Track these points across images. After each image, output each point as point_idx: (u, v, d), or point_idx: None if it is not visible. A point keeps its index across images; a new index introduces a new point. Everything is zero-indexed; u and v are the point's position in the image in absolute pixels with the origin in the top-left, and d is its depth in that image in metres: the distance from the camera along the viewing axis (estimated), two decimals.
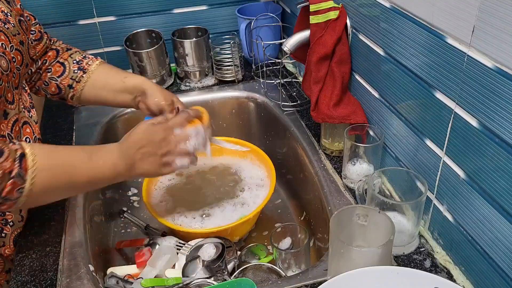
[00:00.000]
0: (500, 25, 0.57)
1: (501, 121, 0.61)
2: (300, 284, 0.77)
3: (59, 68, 0.99)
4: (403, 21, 0.78)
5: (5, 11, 0.86)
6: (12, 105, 0.84)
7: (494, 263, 0.67)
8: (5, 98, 0.81)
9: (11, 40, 0.83)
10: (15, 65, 0.84)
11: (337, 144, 1.04)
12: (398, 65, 0.82)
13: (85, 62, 1.00)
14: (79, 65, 0.99)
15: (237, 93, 1.33)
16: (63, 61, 1.00)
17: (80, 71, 0.99)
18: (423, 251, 0.81)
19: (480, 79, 0.63)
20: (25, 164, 0.69)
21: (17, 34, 0.86)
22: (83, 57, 1.01)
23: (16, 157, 0.69)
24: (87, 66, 1.00)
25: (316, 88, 0.99)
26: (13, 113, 0.84)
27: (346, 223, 0.74)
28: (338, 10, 0.96)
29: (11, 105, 0.83)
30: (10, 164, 0.68)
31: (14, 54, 0.83)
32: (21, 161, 0.69)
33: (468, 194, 0.70)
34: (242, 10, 1.38)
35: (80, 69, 0.99)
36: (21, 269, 0.83)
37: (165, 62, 1.33)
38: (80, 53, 1.03)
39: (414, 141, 0.82)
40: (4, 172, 0.67)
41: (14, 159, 0.68)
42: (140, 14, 1.39)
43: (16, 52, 0.84)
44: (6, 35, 0.82)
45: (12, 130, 0.84)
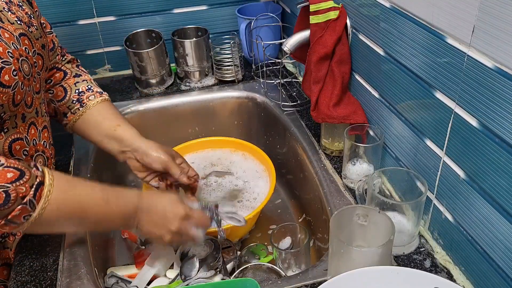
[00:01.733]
0: (500, 25, 0.57)
1: (501, 121, 0.61)
2: (300, 284, 0.77)
3: (60, 92, 0.97)
4: (403, 21, 0.78)
5: (29, 12, 0.84)
6: (30, 108, 0.83)
7: (494, 263, 0.67)
8: (24, 102, 0.80)
9: (34, 44, 0.82)
10: (36, 69, 0.83)
11: (337, 144, 1.04)
12: (398, 65, 0.82)
13: (86, 95, 0.97)
14: (79, 96, 0.97)
15: (237, 93, 1.33)
16: (66, 86, 0.97)
17: (77, 103, 0.96)
18: (423, 251, 0.81)
19: (480, 79, 0.63)
20: (40, 193, 0.68)
21: (40, 37, 0.85)
22: (87, 89, 0.98)
23: (34, 184, 0.67)
24: (87, 101, 0.97)
25: (316, 88, 0.99)
26: (29, 116, 0.83)
27: (346, 223, 0.74)
28: (338, 10, 0.96)
29: (29, 108, 0.82)
30: (26, 189, 0.66)
31: (36, 59, 0.82)
32: (37, 189, 0.67)
33: (468, 194, 0.70)
34: (242, 10, 1.38)
35: (78, 101, 0.97)
36: (21, 269, 0.83)
37: (165, 62, 1.33)
38: (87, 82, 0.99)
39: (414, 141, 0.82)
40: (18, 195, 0.66)
41: (31, 185, 0.67)
42: (140, 14, 1.39)
43: (38, 57, 0.83)
44: (29, 39, 0.81)
45: (28, 133, 0.83)
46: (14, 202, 0.65)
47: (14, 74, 0.74)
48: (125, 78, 1.43)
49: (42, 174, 0.69)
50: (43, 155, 0.88)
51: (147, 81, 1.32)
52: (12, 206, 0.65)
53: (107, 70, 1.46)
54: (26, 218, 0.67)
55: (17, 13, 0.81)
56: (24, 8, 0.84)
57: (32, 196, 0.67)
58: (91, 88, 0.99)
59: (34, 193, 0.67)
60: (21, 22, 0.81)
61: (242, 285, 0.71)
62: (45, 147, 0.89)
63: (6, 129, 0.78)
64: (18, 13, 0.82)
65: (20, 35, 0.79)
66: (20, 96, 0.77)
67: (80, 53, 1.40)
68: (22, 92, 0.77)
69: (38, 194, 0.67)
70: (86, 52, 1.41)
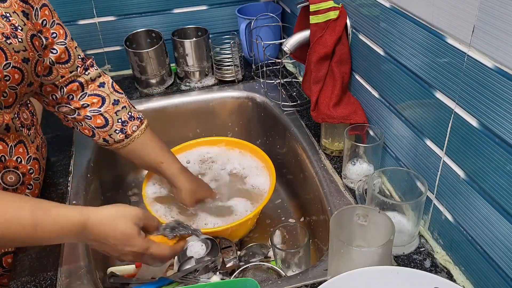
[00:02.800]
0: (500, 25, 0.57)
1: (501, 121, 0.61)
2: (300, 284, 0.77)
3: (100, 120, 0.95)
4: (403, 21, 0.78)
5: (16, 24, 0.79)
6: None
7: (494, 263, 0.67)
8: None
9: (9, 57, 0.76)
10: (9, 83, 0.78)
11: (337, 144, 1.04)
12: (398, 65, 0.82)
13: (129, 124, 0.97)
14: (123, 126, 0.97)
15: (237, 93, 1.33)
16: (107, 116, 0.95)
17: (122, 133, 0.97)
18: (423, 251, 0.81)
19: (480, 79, 0.63)
20: None
21: (23, 50, 0.79)
22: (128, 117, 0.98)
23: None
24: (131, 132, 0.97)
25: (316, 88, 0.99)
26: None
27: (346, 223, 0.74)
28: (338, 10, 0.96)
29: None
30: None
31: (9, 72, 0.77)
32: None
33: (468, 194, 0.70)
34: (242, 10, 1.38)
35: (122, 132, 0.97)
36: (21, 269, 0.83)
37: (165, 62, 1.33)
38: (127, 109, 0.98)
39: (414, 141, 0.82)
40: None
41: None
42: (140, 14, 1.39)
43: (13, 70, 0.78)
44: (3, 50, 0.76)
45: None
46: None
47: None
48: (125, 78, 1.43)
49: None
50: (15, 172, 0.85)
51: (147, 81, 1.33)
52: None
53: (107, 70, 1.46)
54: None
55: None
56: (12, 19, 0.79)
57: None
58: (132, 115, 0.99)
59: None
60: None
61: (242, 285, 0.71)
62: (19, 163, 0.86)
63: None
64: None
65: None
66: None
67: None
68: None
69: None
70: (86, 52, 1.40)
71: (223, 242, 0.97)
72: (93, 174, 1.09)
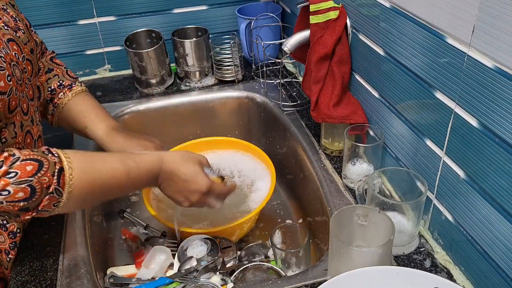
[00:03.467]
0: (500, 25, 0.57)
1: (501, 121, 0.61)
2: (300, 284, 0.77)
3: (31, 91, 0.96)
4: (403, 21, 0.78)
5: (14, 16, 0.83)
6: (26, 116, 0.82)
7: (494, 263, 0.67)
8: (21, 108, 0.79)
9: (22, 50, 0.81)
10: (27, 75, 0.82)
11: (337, 144, 1.04)
12: (398, 65, 0.82)
13: (57, 94, 0.97)
14: (52, 95, 0.98)
15: (237, 93, 1.33)
16: (39, 85, 0.96)
17: (50, 103, 0.98)
18: (423, 251, 0.81)
19: (480, 79, 0.63)
20: (63, 179, 0.68)
21: (28, 42, 0.84)
22: (58, 85, 0.98)
23: (55, 172, 0.68)
24: (58, 101, 0.98)
25: (316, 88, 0.99)
26: (26, 124, 0.82)
27: (346, 223, 0.74)
28: (338, 10, 0.96)
29: (26, 116, 0.82)
30: (49, 178, 0.67)
31: (26, 65, 0.81)
32: (59, 177, 0.68)
33: (468, 194, 0.70)
34: (242, 10, 1.38)
35: (51, 101, 0.98)
36: (21, 269, 0.83)
37: (165, 62, 1.33)
38: (58, 77, 0.99)
39: (414, 141, 0.82)
40: (43, 186, 0.66)
41: (53, 173, 0.67)
42: (140, 14, 1.39)
43: (27, 62, 0.82)
44: (17, 44, 0.80)
45: (25, 142, 0.82)
46: (41, 193, 0.66)
47: (8, 80, 0.73)
48: (125, 78, 1.43)
49: (59, 159, 0.69)
50: None
51: (147, 81, 1.33)
52: (39, 197, 0.66)
53: (107, 70, 1.46)
54: (55, 205, 0.69)
55: (3, 17, 0.80)
56: (9, 11, 0.82)
57: (57, 184, 0.68)
58: (62, 83, 0.99)
59: (58, 180, 0.68)
60: (8, 27, 0.79)
61: None
62: None
63: (4, 139, 0.76)
64: (4, 18, 0.80)
65: (8, 40, 0.77)
66: (15, 102, 0.76)
67: (80, 53, 1.40)
68: (17, 98, 0.77)
69: (62, 181, 0.68)
70: (86, 52, 1.41)
71: (223, 242, 0.97)
72: None
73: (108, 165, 0.76)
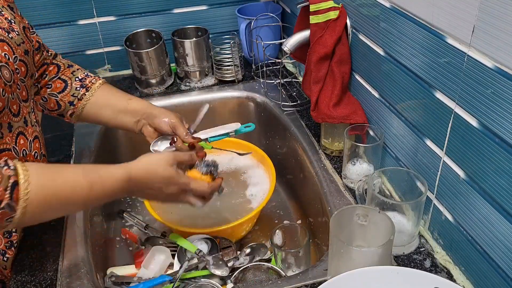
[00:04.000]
0: (500, 25, 0.57)
1: (501, 121, 0.61)
2: (300, 284, 0.77)
3: (60, 84, 0.97)
4: (403, 21, 0.78)
5: (9, 18, 0.83)
6: (17, 117, 0.81)
7: (494, 263, 0.67)
8: (9, 110, 0.79)
9: (15, 51, 0.80)
10: (19, 76, 0.81)
11: (337, 144, 1.04)
12: (398, 65, 0.82)
13: (88, 80, 0.98)
14: (82, 82, 0.98)
15: (237, 93, 1.33)
16: (65, 78, 0.98)
17: (82, 88, 0.97)
18: (423, 251, 0.81)
19: (480, 79, 0.63)
20: (16, 194, 0.64)
21: (22, 43, 0.83)
22: (85, 75, 1.00)
23: (8, 186, 0.64)
24: (90, 84, 0.98)
25: (316, 88, 0.99)
26: (16, 126, 0.82)
27: (346, 223, 0.74)
28: (338, 10, 0.96)
29: (16, 117, 0.81)
30: (0, 193, 0.63)
31: (18, 66, 0.81)
32: (12, 191, 0.64)
33: (468, 194, 0.70)
34: (242, 10, 1.38)
35: (82, 87, 0.97)
36: (21, 269, 0.83)
37: (165, 62, 1.33)
38: (82, 71, 1.01)
39: (414, 141, 0.82)
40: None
41: (5, 188, 0.63)
42: (140, 14, 1.39)
43: (20, 63, 0.82)
44: (9, 45, 0.79)
45: (16, 143, 0.81)
46: None
47: None
48: (125, 78, 1.43)
49: (15, 172, 0.65)
50: None
51: (147, 81, 1.33)
52: None
53: (107, 70, 1.46)
54: (8, 220, 0.65)
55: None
56: (4, 13, 0.82)
57: (9, 199, 0.63)
58: (88, 74, 1.01)
59: (10, 195, 0.64)
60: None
61: None
62: (36, 158, 0.87)
63: None
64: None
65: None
66: (2, 104, 0.75)
67: (80, 53, 1.40)
68: (4, 99, 0.76)
69: (15, 196, 0.64)
70: (86, 52, 1.41)
71: (223, 242, 0.97)
72: None
73: (69, 178, 0.72)
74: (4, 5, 0.85)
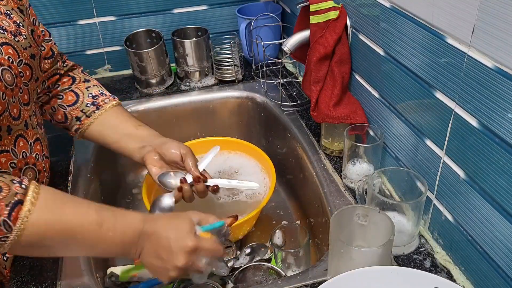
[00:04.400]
0: (500, 25, 0.57)
1: (501, 121, 0.61)
2: (300, 284, 0.77)
3: (71, 97, 0.96)
4: (403, 21, 0.78)
5: (18, 21, 0.82)
6: (17, 120, 0.80)
7: (494, 263, 0.67)
8: (9, 113, 0.77)
9: (20, 54, 0.79)
10: (22, 80, 0.80)
11: (337, 144, 1.04)
12: (398, 65, 0.82)
13: (101, 98, 0.97)
14: (94, 99, 0.96)
15: (237, 93, 1.33)
16: (77, 91, 0.96)
17: (93, 106, 0.96)
18: (423, 251, 0.81)
19: (480, 79, 0.63)
20: (16, 213, 0.62)
21: (29, 47, 0.82)
22: (100, 93, 0.98)
23: (11, 202, 0.62)
24: (102, 104, 0.96)
25: (316, 88, 0.99)
26: (16, 129, 0.81)
27: (346, 223, 0.74)
28: (338, 10, 0.96)
29: (16, 120, 0.80)
30: (0, 207, 0.61)
31: (23, 69, 0.80)
32: (13, 209, 0.62)
33: (468, 194, 0.70)
34: (242, 10, 1.39)
35: (94, 104, 0.96)
36: (21, 269, 0.83)
37: (165, 62, 1.33)
38: (98, 87, 0.99)
39: (414, 141, 0.82)
40: None
41: (7, 203, 0.62)
42: (140, 14, 1.39)
43: (25, 67, 0.81)
44: (14, 48, 0.78)
45: (15, 145, 0.81)
46: None
47: None
48: (125, 78, 1.43)
49: (24, 192, 0.64)
50: (34, 168, 0.86)
51: (147, 81, 1.33)
52: None
53: (107, 70, 1.46)
54: (3, 239, 0.62)
55: (1, 22, 0.79)
56: (13, 16, 0.82)
57: (7, 216, 0.61)
58: (103, 93, 0.99)
59: (9, 212, 0.62)
60: (4, 31, 0.78)
61: None
62: (37, 160, 0.87)
63: None
64: (3, 22, 0.79)
65: (2, 44, 0.76)
66: (1, 107, 0.74)
67: (80, 53, 1.40)
68: (4, 103, 0.75)
69: (14, 215, 0.62)
70: (86, 52, 1.41)
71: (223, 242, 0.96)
72: (93, 174, 1.09)
73: (80, 210, 0.68)
74: (14, 7, 0.84)
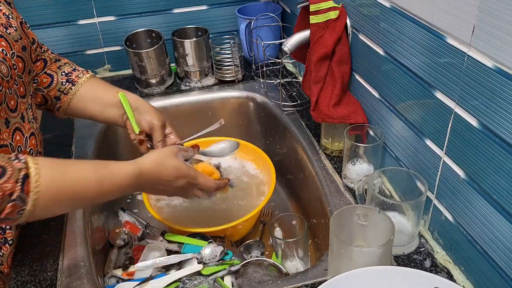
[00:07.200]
0: (500, 25, 0.57)
1: (501, 121, 0.61)
2: (300, 284, 0.77)
3: (46, 79, 0.96)
4: (403, 21, 0.78)
5: (7, 13, 0.83)
6: (14, 113, 0.81)
7: (494, 263, 0.67)
8: (7, 105, 0.78)
9: (12, 46, 0.80)
10: (17, 72, 0.81)
11: (337, 144, 1.04)
12: (398, 65, 0.82)
13: (74, 74, 0.98)
14: (68, 77, 0.97)
15: (237, 93, 1.33)
16: (50, 72, 0.97)
17: (68, 83, 0.96)
18: (423, 251, 0.81)
19: (480, 79, 0.63)
20: (27, 186, 0.65)
21: (19, 39, 0.83)
22: (72, 69, 0.99)
23: (19, 178, 0.65)
24: (77, 79, 0.97)
25: (316, 88, 0.99)
26: (13, 121, 0.81)
27: (346, 223, 0.74)
28: (338, 10, 0.96)
29: (13, 113, 0.81)
30: (11, 185, 0.64)
31: (16, 61, 0.80)
32: (23, 183, 0.65)
33: (468, 194, 0.70)
34: (242, 10, 1.39)
35: (68, 81, 0.96)
36: (21, 269, 0.83)
37: (165, 62, 1.33)
38: (70, 65, 1.00)
39: (414, 141, 0.82)
40: (5, 194, 0.63)
41: (16, 180, 0.64)
42: (140, 14, 1.39)
43: (18, 59, 0.81)
44: (7, 40, 0.79)
45: (13, 139, 0.81)
46: (2, 201, 0.63)
47: None
48: (125, 78, 1.43)
49: (26, 165, 0.66)
50: None
51: (147, 81, 1.33)
52: (1, 205, 0.63)
53: (107, 70, 1.46)
54: (20, 212, 0.66)
55: None
56: (1, 8, 0.82)
57: (20, 191, 0.64)
58: (76, 68, 0.99)
59: (22, 187, 0.65)
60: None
61: None
62: (31, 154, 0.86)
63: None
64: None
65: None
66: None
67: (80, 53, 1.40)
68: (2, 94, 0.75)
69: (26, 188, 0.65)
70: (86, 52, 1.41)
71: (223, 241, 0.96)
72: None
73: (80, 173, 0.73)
74: (1, 0, 0.84)
